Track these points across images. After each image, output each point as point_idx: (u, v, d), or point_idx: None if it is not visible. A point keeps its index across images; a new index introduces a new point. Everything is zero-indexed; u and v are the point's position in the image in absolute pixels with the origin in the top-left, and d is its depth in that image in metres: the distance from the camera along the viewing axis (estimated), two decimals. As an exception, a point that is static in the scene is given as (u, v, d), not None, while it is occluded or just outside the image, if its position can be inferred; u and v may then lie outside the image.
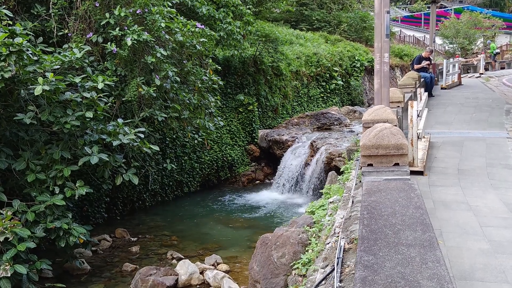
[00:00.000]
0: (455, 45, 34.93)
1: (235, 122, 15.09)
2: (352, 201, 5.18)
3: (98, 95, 7.52)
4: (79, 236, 7.11)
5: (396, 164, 4.50)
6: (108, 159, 7.52)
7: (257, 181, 14.86)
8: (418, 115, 7.69)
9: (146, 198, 11.95)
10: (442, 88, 18.63)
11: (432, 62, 17.70)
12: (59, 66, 7.52)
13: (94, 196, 10.34)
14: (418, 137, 7.52)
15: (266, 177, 15.03)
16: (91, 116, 7.18)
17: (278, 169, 13.94)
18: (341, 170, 8.44)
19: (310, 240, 5.47)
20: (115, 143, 7.55)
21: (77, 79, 7.40)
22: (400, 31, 36.82)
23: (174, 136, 12.62)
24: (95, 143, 7.61)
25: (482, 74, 26.11)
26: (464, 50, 34.67)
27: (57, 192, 7.02)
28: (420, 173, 7.21)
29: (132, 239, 9.90)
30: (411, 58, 21.61)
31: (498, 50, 34.48)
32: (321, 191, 8.30)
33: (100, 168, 7.74)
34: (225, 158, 14.37)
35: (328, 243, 4.49)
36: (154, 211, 11.83)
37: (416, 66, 16.06)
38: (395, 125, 5.41)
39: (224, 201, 12.82)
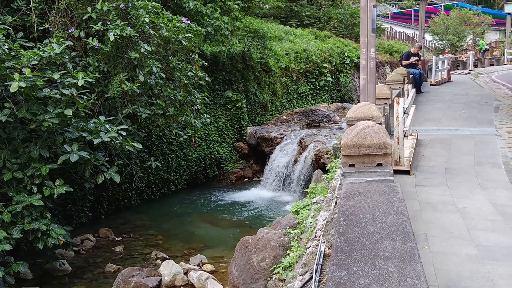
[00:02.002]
0: (444, 42, 34.92)
1: (223, 119, 14.89)
2: (336, 202, 5.03)
3: (79, 92, 7.32)
4: (58, 237, 6.92)
5: (379, 165, 4.33)
6: (89, 157, 7.34)
7: (246, 179, 14.69)
8: (404, 112, 7.54)
9: (131, 196, 11.75)
10: (431, 85, 18.59)
11: (421, 58, 17.63)
12: (37, 62, 7.30)
13: (78, 195, 10.14)
14: (404, 135, 7.37)
15: (255, 175, 14.86)
16: (71, 114, 6.99)
17: (267, 167, 13.79)
18: (327, 168, 8.30)
19: (292, 243, 5.32)
20: (95, 141, 7.38)
21: (56, 76, 7.20)
22: (390, 27, 36.74)
23: (160, 134, 12.43)
24: (75, 141, 7.41)
25: (471, 70, 26.15)
26: (454, 46, 34.67)
27: (35, 191, 6.82)
28: (407, 172, 7.03)
29: (116, 238, 9.72)
30: (401, 54, 21.51)
31: (487, 47, 34.59)
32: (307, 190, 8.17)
33: (81, 166, 7.55)
34: (213, 156, 14.19)
35: (308, 247, 4.33)
36: (139, 210, 11.63)
37: (404, 62, 15.97)
38: (380, 123, 5.27)
39: (212, 199, 12.65)
